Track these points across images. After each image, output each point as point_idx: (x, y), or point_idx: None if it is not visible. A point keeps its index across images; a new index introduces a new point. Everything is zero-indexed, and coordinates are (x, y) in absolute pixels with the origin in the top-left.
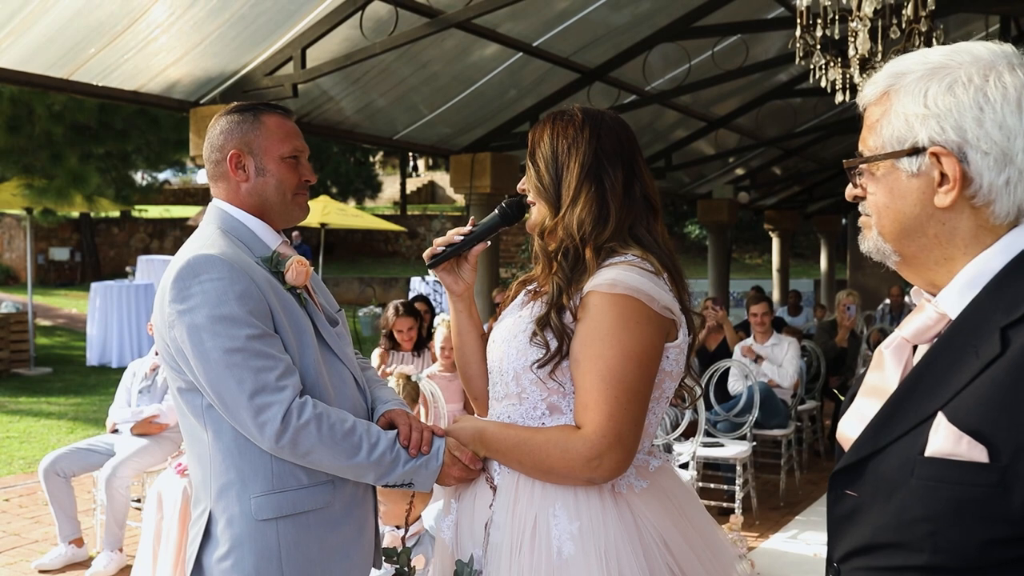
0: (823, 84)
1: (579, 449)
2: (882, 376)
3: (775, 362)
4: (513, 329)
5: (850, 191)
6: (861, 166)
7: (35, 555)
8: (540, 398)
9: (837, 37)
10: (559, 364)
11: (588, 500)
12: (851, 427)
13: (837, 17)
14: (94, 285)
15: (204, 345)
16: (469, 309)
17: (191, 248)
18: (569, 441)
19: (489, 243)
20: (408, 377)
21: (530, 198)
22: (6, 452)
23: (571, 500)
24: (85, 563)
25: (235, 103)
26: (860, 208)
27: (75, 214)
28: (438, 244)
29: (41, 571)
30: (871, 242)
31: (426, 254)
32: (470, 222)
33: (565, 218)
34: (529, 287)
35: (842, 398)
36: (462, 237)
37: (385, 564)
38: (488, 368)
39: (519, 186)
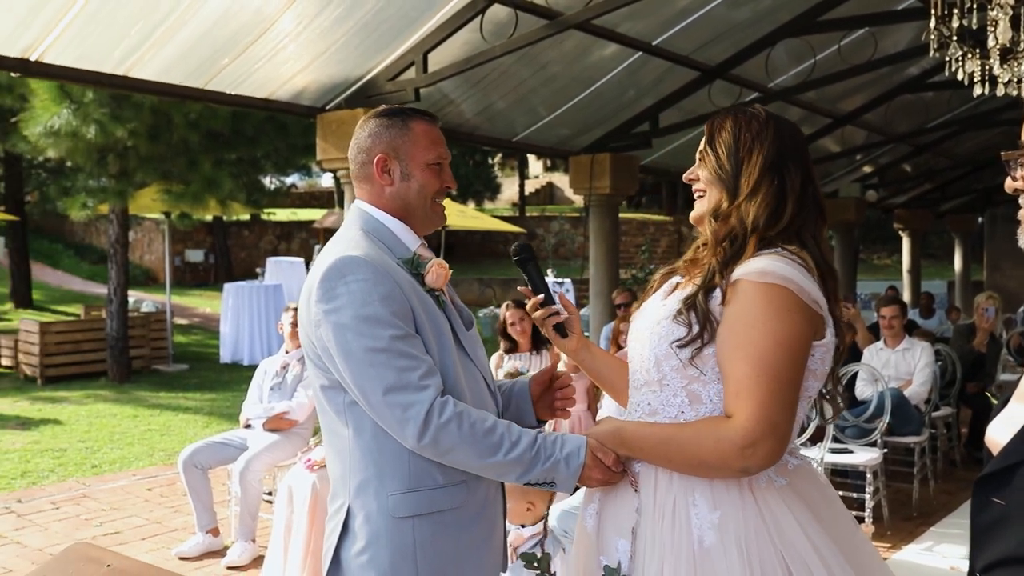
0: (960, 77)
1: (732, 438)
2: None
3: (904, 369)
4: (656, 316)
5: (1009, 183)
6: (1022, 158)
7: (175, 542)
8: (680, 385)
9: (975, 27)
10: (700, 351)
11: (727, 491)
12: (1000, 432)
13: (975, 5)
14: (226, 285)
15: (349, 344)
16: (593, 357)
17: (337, 249)
18: (721, 431)
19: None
20: (515, 374)
21: (700, 185)
22: (148, 444)
23: (708, 490)
24: (221, 552)
25: (383, 107)
26: (1021, 201)
27: (209, 217)
28: (550, 324)
29: (181, 558)
30: None
31: (550, 334)
32: (527, 293)
33: (741, 207)
34: (673, 278)
35: (994, 401)
36: (550, 306)
37: (524, 569)
38: (628, 357)
39: (685, 176)
